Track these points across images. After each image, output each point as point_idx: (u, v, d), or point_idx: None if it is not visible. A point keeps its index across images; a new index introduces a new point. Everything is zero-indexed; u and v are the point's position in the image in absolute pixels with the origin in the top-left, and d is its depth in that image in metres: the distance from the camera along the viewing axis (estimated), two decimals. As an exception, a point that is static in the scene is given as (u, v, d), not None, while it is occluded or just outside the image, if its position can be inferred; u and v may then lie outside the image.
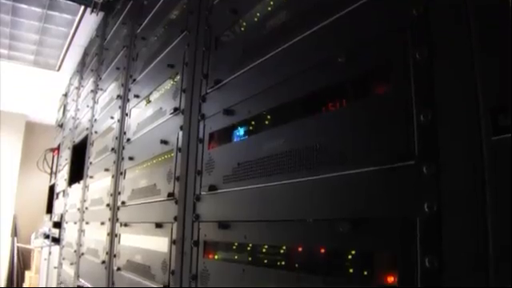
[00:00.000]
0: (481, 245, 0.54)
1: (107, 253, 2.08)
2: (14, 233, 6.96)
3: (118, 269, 1.88)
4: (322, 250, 0.83)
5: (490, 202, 0.54)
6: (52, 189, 4.54)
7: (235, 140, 1.15)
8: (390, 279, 0.68)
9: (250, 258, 1.03)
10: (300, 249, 0.88)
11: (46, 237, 4.19)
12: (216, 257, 1.16)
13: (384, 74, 0.74)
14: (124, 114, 2.14)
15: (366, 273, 0.74)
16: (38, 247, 5.24)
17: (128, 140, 1.98)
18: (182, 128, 1.43)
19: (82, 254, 2.64)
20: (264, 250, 0.98)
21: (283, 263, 0.92)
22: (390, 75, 0.72)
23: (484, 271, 0.54)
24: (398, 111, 0.69)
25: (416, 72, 0.67)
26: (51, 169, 4.80)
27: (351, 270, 0.77)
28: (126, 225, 1.86)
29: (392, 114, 0.70)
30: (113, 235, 2.03)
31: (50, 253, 4.05)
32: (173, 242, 1.37)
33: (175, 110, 1.49)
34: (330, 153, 0.80)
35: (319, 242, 0.82)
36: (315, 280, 0.80)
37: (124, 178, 1.98)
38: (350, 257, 0.77)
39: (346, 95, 0.85)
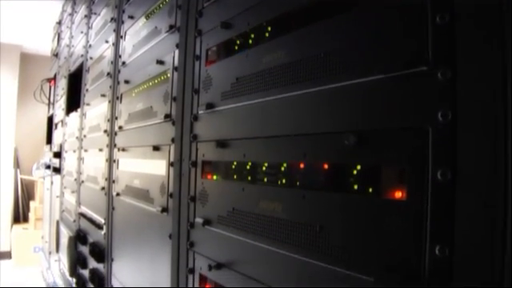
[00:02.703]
0: (499, 155, 0.50)
1: (106, 179, 2.06)
2: (17, 165, 7.03)
3: (118, 194, 1.87)
4: (326, 166, 0.79)
5: (512, 109, 0.49)
6: (51, 119, 4.50)
7: (234, 54, 1.08)
8: (398, 194, 0.64)
9: (249, 177, 0.99)
10: (302, 165, 0.84)
11: (47, 167, 4.21)
12: (214, 177, 1.13)
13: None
14: (119, 37, 2.05)
15: (372, 188, 0.69)
16: (41, 177, 5.29)
17: (123, 63, 1.91)
18: (177, 46, 1.35)
19: (82, 181, 2.64)
20: (264, 168, 0.95)
21: (284, 181, 0.89)
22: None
23: (502, 182, 0.49)
24: (410, 12, 0.62)
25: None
26: (49, 99, 4.74)
27: (356, 186, 0.73)
28: (123, 150, 1.83)
29: (403, 16, 0.63)
30: (111, 161, 2.01)
31: (51, 183, 4.08)
32: (170, 164, 1.33)
33: (171, 27, 1.41)
34: (335, 61, 0.74)
35: (322, 157, 0.77)
36: (318, 197, 0.76)
37: (120, 102, 1.92)
38: (355, 172, 0.73)
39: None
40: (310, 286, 0.76)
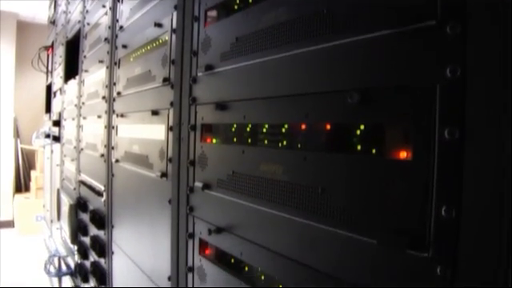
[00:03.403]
0: (510, 113, 0.47)
1: (105, 146, 2.04)
2: (16, 134, 7.02)
3: (117, 161, 1.86)
4: (328, 127, 0.76)
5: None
6: (49, 88, 4.46)
7: (233, 14, 1.04)
8: (403, 154, 0.61)
9: (249, 140, 0.97)
10: (303, 126, 0.82)
11: (47, 136, 4.19)
12: (214, 140, 1.11)
13: None
14: (116, 1, 2.00)
15: (376, 149, 0.67)
16: (41, 147, 5.29)
17: (121, 28, 1.87)
18: (176, 8, 1.31)
19: (82, 149, 2.63)
20: (264, 130, 0.92)
21: (285, 143, 0.87)
22: None
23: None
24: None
25: None
26: (47, 68, 4.69)
27: (359, 147, 0.70)
28: (122, 116, 1.81)
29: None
30: (110, 127, 1.98)
31: (51, 151, 4.07)
32: (169, 128, 1.31)
33: (168, -12, 1.36)
34: (338, 17, 0.71)
35: (324, 117, 0.75)
36: (319, 158, 0.74)
37: (118, 67, 1.89)
38: (358, 132, 0.71)
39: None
40: (312, 249, 0.75)
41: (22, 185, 7.14)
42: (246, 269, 1.00)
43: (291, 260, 0.80)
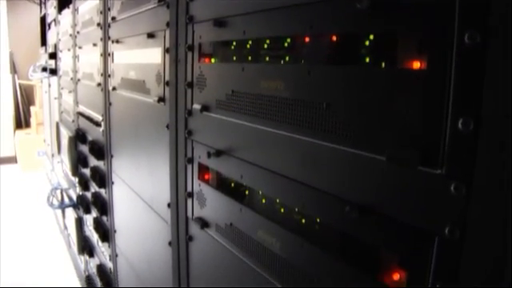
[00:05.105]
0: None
1: (102, 74, 1.99)
2: (13, 70, 6.91)
3: (114, 88, 1.81)
4: (334, 38, 0.71)
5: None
6: (43, 20, 4.33)
7: None
8: (417, 65, 0.56)
9: (249, 57, 0.91)
10: (307, 39, 0.76)
11: (44, 69, 4.11)
12: (212, 60, 1.05)
13: None
14: None
15: (386, 59, 0.62)
16: (38, 81, 5.22)
17: None
18: None
19: (79, 80, 2.57)
20: (266, 46, 0.87)
21: (288, 58, 0.81)
22: None
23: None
24: None
25: None
26: (40, -2, 4.53)
27: (368, 59, 0.65)
28: (118, 42, 1.74)
29: None
30: (106, 55, 1.91)
31: (49, 85, 4.02)
32: (166, 50, 1.25)
33: None
34: None
35: (330, 27, 0.69)
36: (325, 72, 0.69)
37: (112, -10, 1.80)
38: (367, 43, 0.65)
39: None
40: (316, 169, 0.71)
41: (22, 121, 7.13)
42: (247, 192, 0.98)
43: (294, 181, 0.77)
